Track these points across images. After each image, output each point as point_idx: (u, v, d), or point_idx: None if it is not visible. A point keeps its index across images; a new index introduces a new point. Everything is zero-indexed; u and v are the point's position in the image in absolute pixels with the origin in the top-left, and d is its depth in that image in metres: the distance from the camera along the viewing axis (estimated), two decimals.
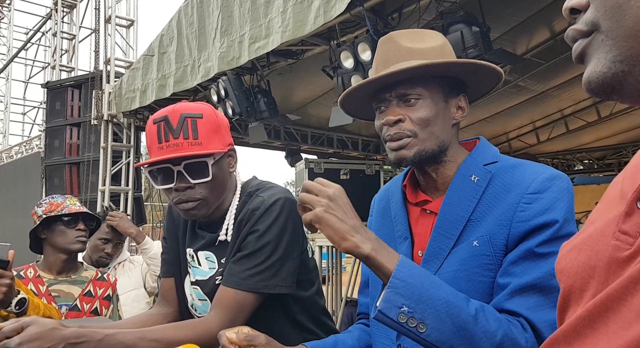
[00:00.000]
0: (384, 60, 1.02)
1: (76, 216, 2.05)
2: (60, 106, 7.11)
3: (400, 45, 1.02)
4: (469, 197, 0.97)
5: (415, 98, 0.99)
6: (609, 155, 9.50)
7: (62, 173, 6.98)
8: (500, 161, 1.01)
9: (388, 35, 1.06)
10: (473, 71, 1.02)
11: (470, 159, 1.02)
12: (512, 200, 0.93)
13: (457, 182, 1.00)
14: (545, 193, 0.91)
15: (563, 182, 0.93)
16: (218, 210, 1.31)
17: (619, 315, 0.41)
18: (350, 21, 3.90)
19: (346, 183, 6.12)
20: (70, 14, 10.37)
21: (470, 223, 0.95)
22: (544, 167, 0.97)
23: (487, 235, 0.93)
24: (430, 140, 1.00)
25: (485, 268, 0.92)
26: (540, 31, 4.92)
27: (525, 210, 0.91)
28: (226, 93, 4.92)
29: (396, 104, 1.01)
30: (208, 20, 4.80)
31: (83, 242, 2.06)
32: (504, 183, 0.96)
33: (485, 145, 1.06)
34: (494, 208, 0.94)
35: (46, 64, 12.01)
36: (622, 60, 0.45)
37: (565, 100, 6.85)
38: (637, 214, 0.45)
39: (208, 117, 1.24)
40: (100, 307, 2.11)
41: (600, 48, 0.47)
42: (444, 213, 0.98)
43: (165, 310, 1.43)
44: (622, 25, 0.45)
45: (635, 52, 0.44)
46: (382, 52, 1.05)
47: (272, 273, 1.22)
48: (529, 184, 0.93)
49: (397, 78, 0.99)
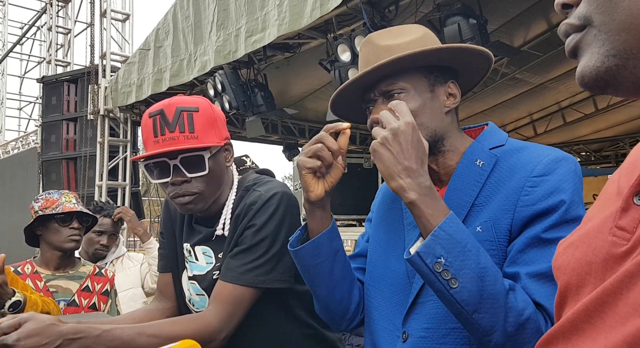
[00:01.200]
0: (365, 62, 1.02)
1: (70, 214, 2.03)
2: (56, 101, 7.09)
3: (378, 45, 1.01)
4: (474, 182, 0.95)
5: (397, 93, 0.98)
6: (606, 147, 9.53)
7: (59, 168, 6.97)
8: (507, 144, 0.98)
9: (367, 38, 1.06)
10: (458, 57, 1.01)
11: (476, 144, 1.00)
12: (516, 183, 0.90)
13: (462, 167, 0.98)
14: (551, 175, 0.88)
15: (570, 164, 0.90)
16: (215, 205, 1.31)
17: (615, 310, 0.41)
18: (347, 14, 3.88)
19: (344, 177, 6.11)
20: (65, 8, 10.29)
21: (475, 208, 0.93)
22: (551, 149, 0.94)
23: (491, 221, 0.90)
24: (423, 129, 0.97)
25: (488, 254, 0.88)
26: (537, 23, 4.91)
27: (529, 194, 0.88)
28: (223, 87, 4.91)
29: (381, 102, 1.00)
30: (204, 14, 4.77)
31: (76, 240, 2.04)
32: (509, 166, 0.93)
33: (493, 129, 1.04)
34: (498, 192, 0.92)
35: (42, 59, 11.95)
36: (615, 54, 0.45)
37: (563, 93, 6.85)
38: (634, 210, 0.46)
39: (204, 110, 1.24)
40: (99, 302, 2.11)
41: (593, 42, 0.46)
42: (448, 200, 0.96)
43: (164, 306, 1.43)
44: (614, 18, 0.45)
45: (629, 46, 0.44)
46: (363, 55, 1.05)
47: (270, 268, 1.21)
48: (534, 167, 0.90)
49: (374, 76, 0.98)
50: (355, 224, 6.04)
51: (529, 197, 0.88)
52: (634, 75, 0.45)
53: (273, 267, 1.22)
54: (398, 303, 1.00)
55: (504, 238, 0.90)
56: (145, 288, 2.89)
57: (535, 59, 5.51)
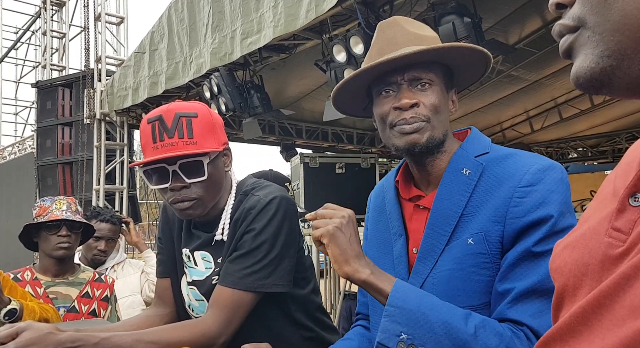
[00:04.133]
0: (392, 43, 0.99)
1: (58, 222, 1.99)
2: (51, 106, 7.06)
3: (408, 30, 1.00)
4: (461, 191, 0.95)
5: (428, 82, 0.97)
6: (603, 143, 9.54)
7: (55, 173, 6.95)
8: (492, 151, 0.98)
9: (392, 19, 1.04)
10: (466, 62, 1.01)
11: (461, 151, 0.99)
12: (504, 194, 0.90)
13: (449, 176, 0.98)
14: (538, 185, 0.88)
15: (557, 173, 0.90)
16: (214, 210, 1.31)
17: (612, 312, 0.41)
18: (342, 14, 3.88)
19: (342, 177, 6.13)
20: (59, 12, 10.26)
21: (463, 219, 0.93)
22: (537, 157, 0.94)
23: (482, 233, 0.90)
24: (439, 128, 0.98)
25: (481, 267, 0.90)
26: (532, 20, 4.92)
27: (518, 205, 0.88)
28: (219, 89, 4.90)
29: (407, 88, 0.98)
30: (199, 16, 4.76)
31: (65, 248, 2.00)
32: (496, 175, 0.93)
33: (476, 135, 1.03)
34: (486, 203, 0.92)
35: (37, 63, 11.90)
36: (609, 55, 0.45)
37: (559, 89, 6.86)
38: (630, 211, 0.46)
39: (203, 116, 1.24)
40: (99, 308, 2.11)
41: (587, 43, 0.46)
42: (436, 209, 0.96)
43: (162, 311, 1.43)
44: (608, 19, 0.44)
45: (622, 46, 0.44)
46: (388, 35, 1.01)
47: (269, 272, 1.21)
48: (522, 177, 0.90)
49: (415, 60, 0.96)
50: None
51: (518, 208, 0.88)
52: (628, 76, 0.45)
53: (272, 271, 1.22)
54: None
55: (497, 250, 0.90)
56: (144, 296, 2.87)
57: (530, 56, 5.52)
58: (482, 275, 0.90)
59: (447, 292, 0.91)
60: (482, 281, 0.90)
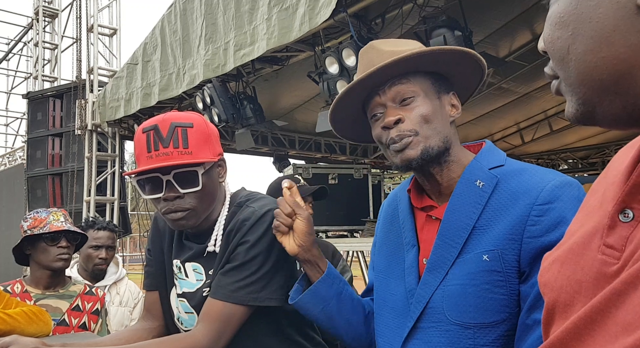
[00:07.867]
0: (369, 66, 1.00)
1: (58, 233, 2.00)
2: (42, 116, 7.03)
3: (383, 50, 1.01)
4: (474, 203, 0.92)
5: (410, 96, 0.97)
6: (593, 155, 9.64)
7: (45, 184, 6.89)
8: (507, 165, 0.96)
9: (368, 45, 1.05)
10: (457, 65, 1.01)
11: (475, 163, 0.97)
12: (521, 210, 0.87)
13: (462, 187, 0.95)
14: (556, 203, 0.86)
15: (574, 190, 0.87)
16: (206, 221, 1.29)
17: (605, 328, 0.41)
18: (334, 27, 3.91)
19: (335, 188, 6.12)
20: (52, 24, 10.24)
21: (476, 231, 0.91)
22: (553, 172, 0.92)
23: (498, 250, 0.87)
24: (433, 136, 0.96)
25: (495, 284, 0.87)
26: (522, 33, 4.99)
27: (536, 224, 0.86)
28: (212, 100, 4.90)
29: (392, 106, 0.99)
30: (192, 28, 4.78)
31: (65, 259, 2.01)
32: (511, 189, 0.91)
33: (491, 148, 1.02)
34: (500, 217, 0.89)
35: (29, 75, 11.86)
36: (583, 102, 0.49)
37: (549, 101, 6.94)
38: (621, 227, 0.46)
39: (198, 126, 1.23)
40: (89, 321, 2.08)
41: (566, 92, 0.50)
42: (448, 221, 0.94)
43: (150, 325, 1.39)
44: (570, 75, 0.48)
45: (589, 97, 0.47)
46: (365, 60, 1.03)
47: (262, 286, 1.20)
48: (539, 193, 0.87)
49: (382, 77, 0.97)
50: (347, 235, 6.02)
51: (536, 227, 0.86)
52: (611, 114, 0.47)
53: (265, 285, 1.20)
54: (398, 327, 0.99)
55: (512, 269, 0.87)
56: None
57: (520, 69, 5.59)
58: (496, 293, 0.87)
59: (458, 307, 0.89)
60: (495, 299, 0.87)
